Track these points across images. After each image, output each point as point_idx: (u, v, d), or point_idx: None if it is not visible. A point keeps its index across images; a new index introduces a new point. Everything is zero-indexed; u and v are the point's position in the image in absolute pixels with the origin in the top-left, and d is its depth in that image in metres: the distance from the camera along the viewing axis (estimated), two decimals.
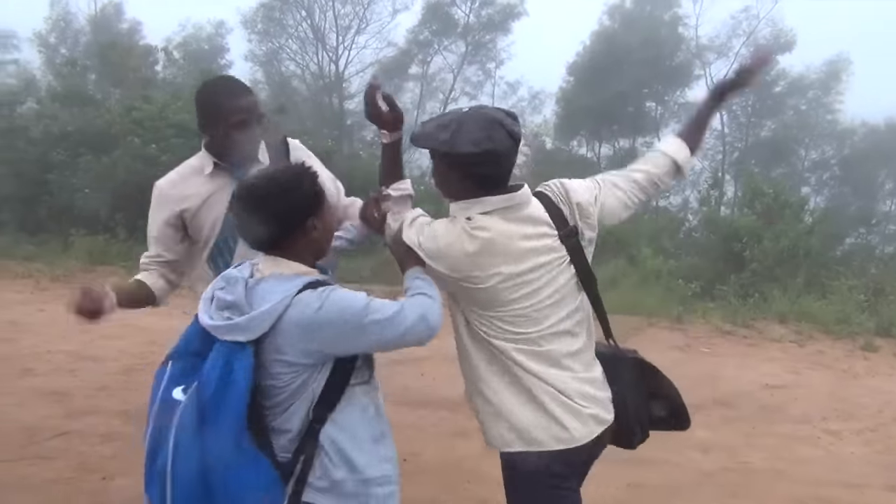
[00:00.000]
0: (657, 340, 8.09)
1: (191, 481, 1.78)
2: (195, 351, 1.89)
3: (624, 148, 31.97)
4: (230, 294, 1.91)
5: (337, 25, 34.25)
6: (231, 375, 1.79)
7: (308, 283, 1.91)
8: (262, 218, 1.95)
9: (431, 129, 2.23)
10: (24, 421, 4.77)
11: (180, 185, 2.84)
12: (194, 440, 1.77)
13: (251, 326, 1.84)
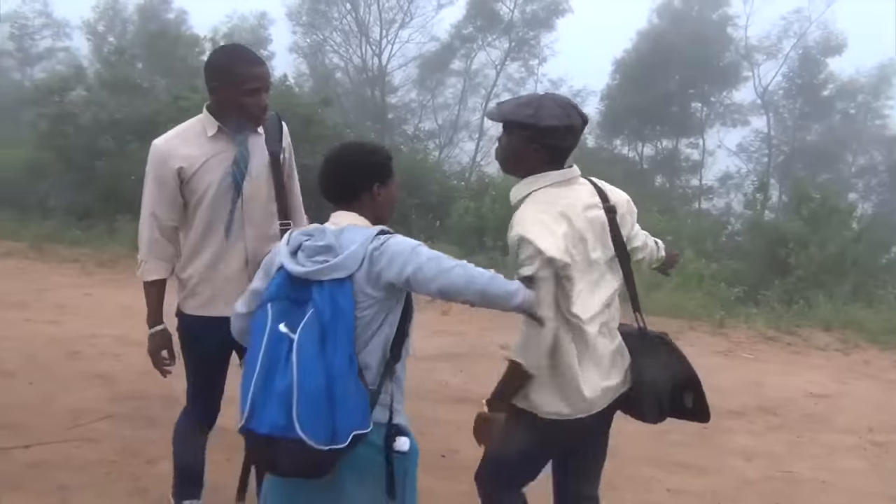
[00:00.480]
0: (698, 345, 7.98)
1: (319, 393, 2.08)
2: (286, 295, 2.20)
3: (667, 148, 31.62)
4: (322, 240, 2.25)
5: (381, 19, 34.42)
6: (339, 305, 2.16)
7: (381, 230, 2.31)
8: (342, 175, 2.40)
9: (512, 106, 2.55)
10: (70, 403, 4.85)
11: (179, 143, 2.97)
12: (318, 358, 2.09)
13: (346, 264, 2.20)
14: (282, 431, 2.07)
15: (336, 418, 2.09)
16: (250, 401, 2.13)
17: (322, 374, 2.08)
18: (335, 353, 2.11)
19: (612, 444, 4.85)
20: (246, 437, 2.19)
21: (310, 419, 2.06)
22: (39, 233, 11.84)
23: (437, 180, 16.50)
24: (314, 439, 2.06)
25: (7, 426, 4.41)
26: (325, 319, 2.13)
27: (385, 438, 2.29)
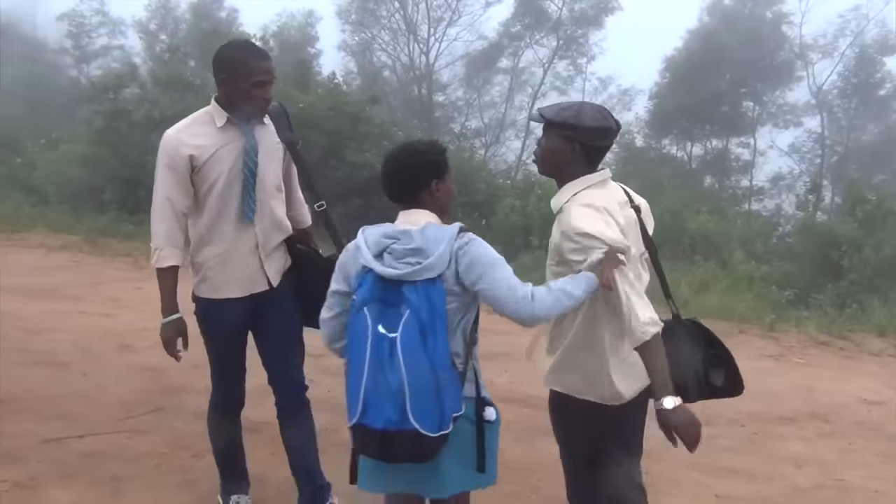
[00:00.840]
0: (748, 348, 7.85)
1: (427, 386, 2.27)
2: (379, 297, 2.35)
3: (717, 148, 31.13)
4: (410, 243, 2.39)
5: (429, 17, 34.45)
6: (434, 303, 2.32)
7: (461, 226, 2.46)
8: (401, 177, 2.55)
9: (554, 109, 2.72)
10: (121, 395, 4.95)
11: (190, 133, 3.12)
12: (421, 355, 2.27)
13: (438, 265, 2.36)
14: (396, 425, 2.27)
15: (443, 407, 2.31)
16: (362, 399, 2.31)
17: (428, 368, 2.27)
18: (435, 347, 2.29)
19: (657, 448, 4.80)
20: (358, 431, 2.36)
21: (422, 411, 2.26)
22: (94, 226, 12.11)
23: (484, 179, 16.43)
24: (427, 429, 2.27)
25: (62, 416, 4.52)
26: (424, 318, 2.29)
27: (476, 411, 2.49)
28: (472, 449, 2.49)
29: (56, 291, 7.90)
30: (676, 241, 12.78)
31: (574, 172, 2.69)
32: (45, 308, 7.14)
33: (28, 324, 6.50)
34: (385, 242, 2.42)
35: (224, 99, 3.12)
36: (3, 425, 4.30)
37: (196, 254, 3.21)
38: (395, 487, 2.58)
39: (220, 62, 3.12)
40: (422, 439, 2.28)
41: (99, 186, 14.47)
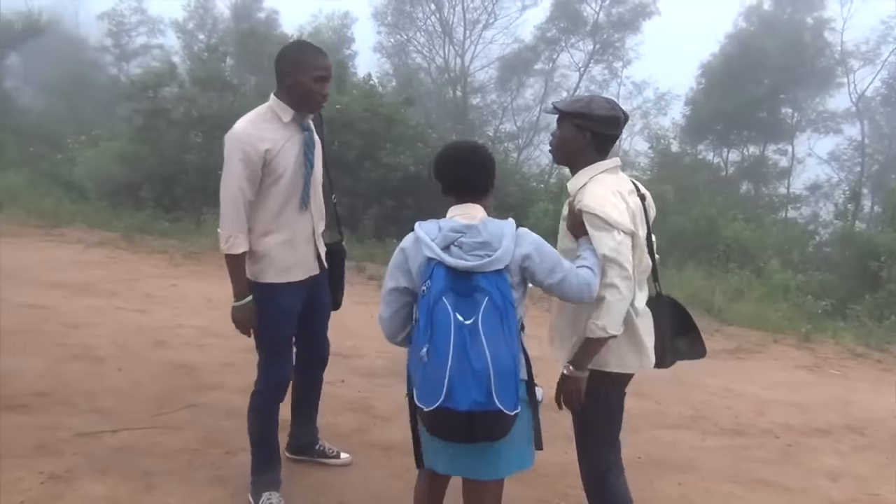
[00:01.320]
0: (782, 358, 7.76)
1: (508, 364, 2.44)
2: (451, 288, 2.49)
3: (754, 155, 30.72)
4: (478, 237, 2.57)
5: (465, 20, 34.42)
6: (504, 292, 2.50)
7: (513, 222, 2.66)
8: (480, 172, 2.75)
9: (567, 101, 3.03)
10: (155, 391, 5.00)
11: (262, 128, 3.32)
12: (501, 339, 2.44)
13: (504, 257, 2.54)
14: (482, 406, 2.41)
15: (518, 387, 2.47)
16: (447, 384, 2.42)
17: (507, 351, 2.45)
18: (510, 333, 2.48)
19: (689, 458, 4.76)
20: (441, 414, 2.45)
21: (504, 391, 2.42)
22: (131, 223, 12.27)
23: (517, 182, 16.39)
24: (509, 408, 2.43)
25: (97, 410, 4.58)
26: (500, 305, 2.47)
27: (528, 392, 2.67)
28: (526, 429, 2.66)
29: (93, 287, 8.01)
30: (711, 248, 12.66)
31: (586, 159, 2.94)
32: (83, 303, 7.25)
33: (67, 318, 6.60)
34: (453, 236, 2.57)
35: (285, 94, 3.35)
36: (40, 418, 4.36)
37: (259, 241, 3.38)
38: (458, 470, 2.73)
39: (282, 59, 3.36)
40: (503, 418, 2.44)
41: (137, 184, 14.67)
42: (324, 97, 3.38)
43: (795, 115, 30.82)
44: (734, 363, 7.44)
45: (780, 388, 6.63)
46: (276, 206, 3.36)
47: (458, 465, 2.69)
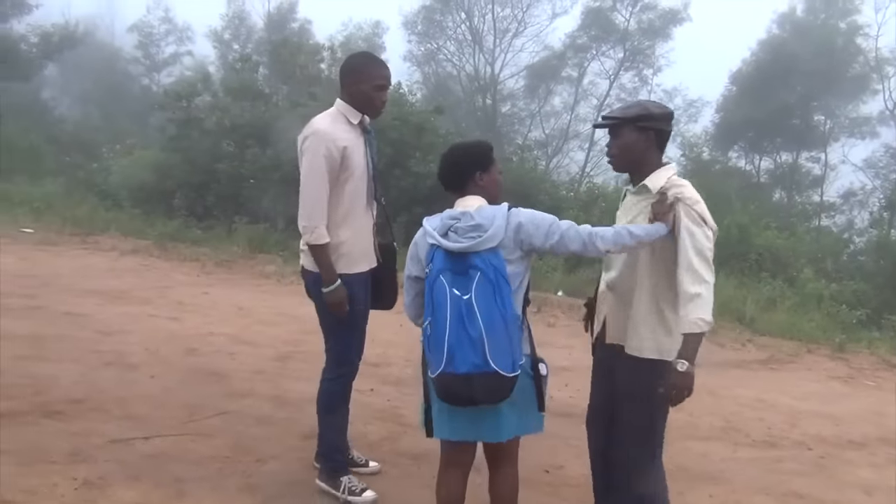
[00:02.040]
0: (816, 369, 7.65)
1: (501, 331, 2.70)
2: (447, 268, 2.79)
3: (786, 162, 30.34)
4: (470, 221, 2.84)
5: (495, 28, 34.50)
6: (496, 267, 2.76)
7: (509, 205, 2.93)
8: (453, 168, 3.06)
9: (619, 110, 3.22)
10: (187, 398, 5.04)
11: (339, 127, 3.61)
12: (494, 309, 2.70)
13: (496, 235, 2.80)
14: (480, 368, 2.68)
15: (514, 351, 2.74)
16: (447, 351, 2.72)
17: (500, 319, 2.70)
18: (504, 302, 2.72)
19: (721, 469, 4.71)
20: (445, 378, 2.74)
21: (499, 355, 2.69)
22: (164, 231, 12.42)
23: (547, 190, 16.34)
24: (505, 370, 2.70)
25: (129, 417, 4.63)
26: (492, 278, 2.73)
27: (532, 363, 2.92)
28: (529, 397, 2.90)
29: (127, 294, 8.12)
30: (743, 257, 12.52)
31: (651, 160, 3.14)
32: (117, 310, 7.34)
33: (101, 325, 6.69)
34: (449, 223, 2.87)
35: (349, 100, 3.66)
36: (74, 424, 4.42)
37: (332, 234, 3.60)
38: (462, 434, 2.94)
39: (347, 68, 3.71)
40: (501, 380, 2.70)
41: (169, 192, 14.84)
42: (383, 103, 3.71)
43: (828, 122, 30.41)
44: (766, 374, 7.35)
45: (813, 399, 6.54)
46: (348, 201, 3.61)
47: (462, 429, 2.92)
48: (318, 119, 3.64)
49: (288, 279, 9.88)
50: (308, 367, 6.00)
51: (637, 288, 3.10)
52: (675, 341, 2.93)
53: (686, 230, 2.94)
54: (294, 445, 4.41)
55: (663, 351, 3.02)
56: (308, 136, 3.57)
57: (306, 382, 5.60)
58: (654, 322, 3.07)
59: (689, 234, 2.93)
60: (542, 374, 2.96)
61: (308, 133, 3.58)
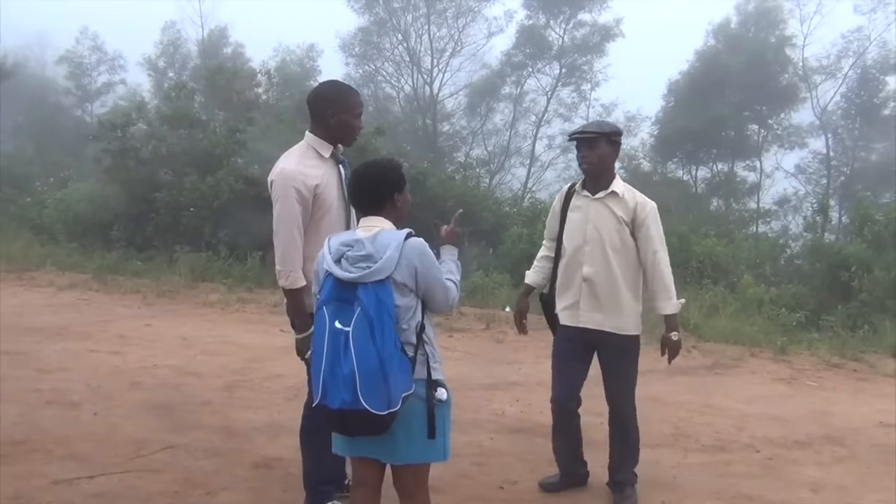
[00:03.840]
0: (760, 372, 7.81)
1: (374, 372, 2.68)
2: (337, 297, 2.78)
3: (722, 171, 31.11)
4: (362, 250, 2.82)
5: (432, 48, 34.79)
6: (382, 301, 2.74)
7: (409, 232, 2.90)
8: (371, 189, 2.98)
9: (595, 126, 4.14)
10: (132, 433, 4.94)
11: (308, 165, 3.54)
12: (369, 346, 2.68)
13: (385, 268, 2.78)
14: (350, 405, 2.69)
15: (390, 389, 2.70)
16: (322, 384, 2.76)
17: (375, 358, 2.68)
18: (382, 340, 2.70)
19: (672, 476, 4.77)
20: (320, 410, 2.81)
21: (370, 393, 2.68)
22: (102, 264, 12.16)
23: (490, 207, 16.44)
24: (375, 408, 2.69)
25: (72, 456, 4.51)
26: (372, 314, 2.71)
27: (426, 390, 2.89)
28: (422, 424, 2.88)
29: (66, 330, 7.92)
30: (685, 265, 12.74)
31: (613, 168, 4.08)
32: (56, 347, 7.16)
33: (40, 363, 6.51)
34: (342, 250, 2.86)
35: (323, 131, 3.62)
36: (15, 467, 4.29)
37: (310, 274, 3.47)
38: (360, 452, 2.98)
39: (321, 98, 3.63)
40: (372, 417, 2.71)
41: (107, 224, 14.54)
42: (359, 130, 3.70)
43: (762, 131, 31.29)
44: (712, 379, 7.49)
45: (758, 401, 6.67)
46: (324, 236, 3.43)
47: (357, 448, 2.97)
48: (284, 158, 3.58)
49: (232, 307, 9.76)
50: (255, 396, 5.94)
51: (614, 280, 3.98)
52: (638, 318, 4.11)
53: (655, 230, 3.96)
54: (244, 476, 4.35)
55: (638, 326, 4.11)
56: (275, 180, 3.51)
57: (254, 411, 5.56)
58: (631, 306, 4.05)
59: (657, 233, 3.96)
60: (441, 399, 2.92)
61: (275, 176, 3.52)
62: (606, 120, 3.97)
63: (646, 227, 3.96)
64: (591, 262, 4.00)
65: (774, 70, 30.20)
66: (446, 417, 2.99)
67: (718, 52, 30.65)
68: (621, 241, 3.98)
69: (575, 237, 4.09)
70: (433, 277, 2.91)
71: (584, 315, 4.05)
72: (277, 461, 4.53)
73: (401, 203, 3.03)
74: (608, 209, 3.99)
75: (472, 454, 4.85)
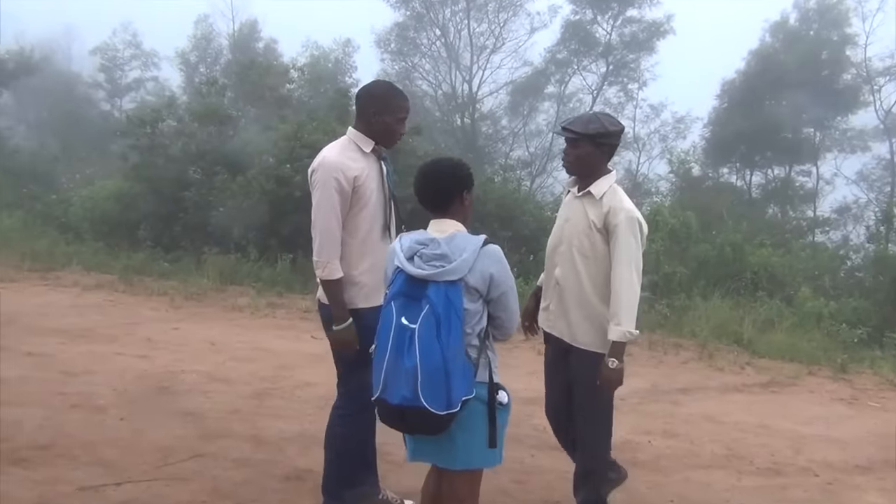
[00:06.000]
0: (818, 391, 7.70)
1: (436, 370, 2.80)
2: (406, 293, 2.92)
3: (778, 177, 30.65)
4: (437, 249, 2.96)
5: (472, 44, 34.70)
6: (452, 301, 2.87)
7: (486, 238, 3.03)
8: (441, 188, 3.14)
9: (579, 124, 3.81)
10: (159, 440, 5.00)
11: (349, 157, 3.71)
12: (434, 344, 2.81)
13: (459, 269, 2.91)
14: (409, 402, 2.82)
15: (451, 390, 2.83)
16: (383, 378, 2.89)
17: (439, 356, 2.81)
18: (448, 339, 2.82)
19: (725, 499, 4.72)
20: (379, 404, 2.96)
21: (430, 392, 2.80)
22: (129, 265, 12.32)
23: (531, 212, 16.36)
24: (435, 408, 2.82)
25: (98, 462, 4.58)
26: (440, 312, 2.83)
27: (488, 393, 3.03)
28: (483, 427, 3.02)
29: (91, 332, 8.04)
30: (738, 276, 12.59)
31: (600, 169, 3.82)
32: (81, 349, 7.27)
33: (65, 366, 6.63)
34: (416, 248, 3.00)
35: (366, 128, 3.78)
36: (39, 472, 4.37)
37: (350, 266, 3.73)
38: (422, 457, 3.15)
39: (368, 97, 3.81)
40: (430, 416, 2.82)
41: (134, 223, 14.72)
42: (401, 135, 3.87)
43: (820, 134, 30.80)
44: (768, 398, 7.39)
45: (817, 422, 6.58)
46: (362, 233, 3.73)
47: (420, 451, 3.13)
48: (326, 149, 3.75)
49: (262, 312, 9.84)
50: (286, 405, 5.98)
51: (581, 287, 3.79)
52: None
53: (622, 239, 3.66)
54: (275, 488, 4.39)
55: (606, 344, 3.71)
56: (316, 169, 3.68)
57: (285, 420, 5.60)
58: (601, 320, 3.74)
59: (625, 243, 3.65)
60: (502, 402, 3.06)
61: (316, 165, 3.68)
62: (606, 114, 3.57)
63: (615, 238, 3.68)
64: (561, 265, 3.90)
65: (835, 70, 29.71)
66: (505, 422, 3.12)
67: (775, 50, 30.21)
68: (591, 247, 3.76)
69: (553, 236, 4.05)
70: (508, 287, 3.04)
71: (552, 320, 3.96)
72: (309, 473, 4.55)
73: (468, 202, 3.18)
74: (584, 211, 3.82)
75: (513, 471, 4.83)
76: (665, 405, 6.76)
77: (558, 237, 3.97)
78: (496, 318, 3.08)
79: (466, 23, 34.40)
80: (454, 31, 34.62)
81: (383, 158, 3.86)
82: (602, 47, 33.35)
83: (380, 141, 3.81)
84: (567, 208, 3.99)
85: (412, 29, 34.12)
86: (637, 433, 4.41)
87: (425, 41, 34.69)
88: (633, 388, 7.03)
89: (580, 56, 33.65)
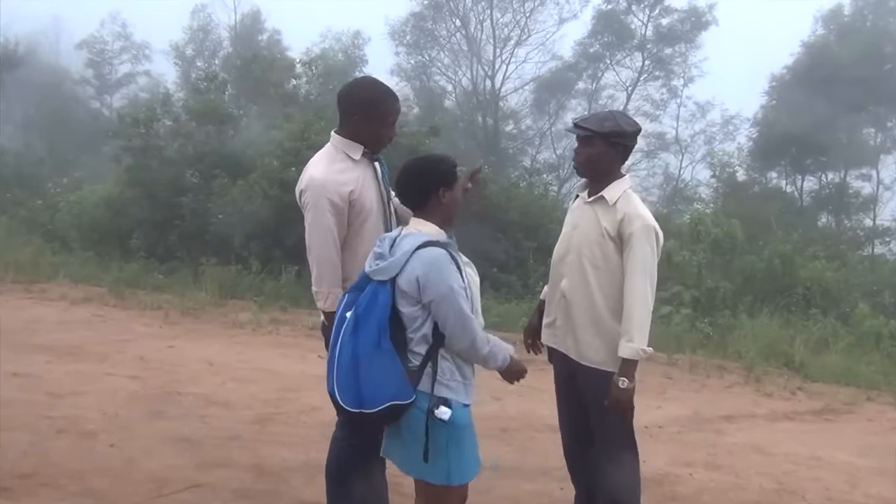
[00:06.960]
0: (878, 419, 7.64)
1: (347, 366, 3.05)
2: (360, 287, 3.17)
3: (832, 182, 30.40)
4: (380, 248, 3.20)
5: (494, 36, 34.76)
6: (376, 300, 3.07)
7: (427, 241, 3.12)
8: (416, 184, 3.29)
9: (594, 121, 3.86)
10: (153, 469, 5.02)
11: (337, 171, 3.64)
12: (350, 339, 3.05)
13: (388, 269, 3.10)
14: (331, 394, 3.11)
15: (361, 389, 3.03)
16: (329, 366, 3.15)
17: (350, 353, 3.04)
18: (364, 336, 3.03)
19: None
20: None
21: (343, 388, 3.06)
22: (120, 277, 12.38)
23: (559, 219, 16.26)
24: (346, 403, 3.06)
25: (87, 493, 4.61)
26: (360, 311, 3.08)
27: (428, 406, 3.11)
28: (423, 439, 3.11)
29: (80, 350, 8.08)
30: (788, 292, 12.54)
31: (614, 172, 3.84)
32: (69, 369, 7.31)
33: (51, 387, 6.66)
34: (376, 243, 3.28)
35: (350, 134, 3.71)
36: (23, 502, 4.40)
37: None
38: (390, 455, 3.34)
39: (355, 101, 3.73)
40: (345, 411, 3.09)
41: (126, 231, 14.78)
42: (391, 139, 3.79)
43: (879, 135, 30.56)
44: (822, 426, 7.35)
45: (874, 454, 6.53)
46: (366, 248, 3.53)
47: (389, 448, 3.30)
48: (312, 165, 3.66)
49: (264, 329, 9.87)
50: (290, 431, 5.99)
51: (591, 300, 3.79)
52: None
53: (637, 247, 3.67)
54: None
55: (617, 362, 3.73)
56: (305, 190, 3.59)
57: (289, 448, 5.61)
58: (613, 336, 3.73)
59: (640, 251, 3.67)
60: (440, 417, 3.09)
61: (304, 185, 3.59)
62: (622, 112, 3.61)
63: (630, 247, 3.69)
64: (569, 276, 3.86)
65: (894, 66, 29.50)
66: (459, 440, 3.17)
67: (829, 43, 30.05)
68: (603, 257, 3.76)
69: (560, 245, 4.02)
70: (439, 295, 3.07)
71: (559, 336, 3.95)
72: None
73: (447, 200, 3.26)
74: (595, 217, 3.81)
75: None
76: (708, 434, 6.72)
77: (566, 246, 3.94)
78: (443, 330, 3.12)
79: (489, 12, 34.47)
80: (476, 22, 34.71)
81: (377, 159, 3.81)
82: (637, 40, 33.28)
83: (366, 147, 3.73)
84: (576, 214, 3.97)
85: (430, 19, 34.25)
86: (677, 465, 4.38)
87: (444, 33, 34.82)
88: (672, 415, 7.01)
89: (613, 49, 33.64)
